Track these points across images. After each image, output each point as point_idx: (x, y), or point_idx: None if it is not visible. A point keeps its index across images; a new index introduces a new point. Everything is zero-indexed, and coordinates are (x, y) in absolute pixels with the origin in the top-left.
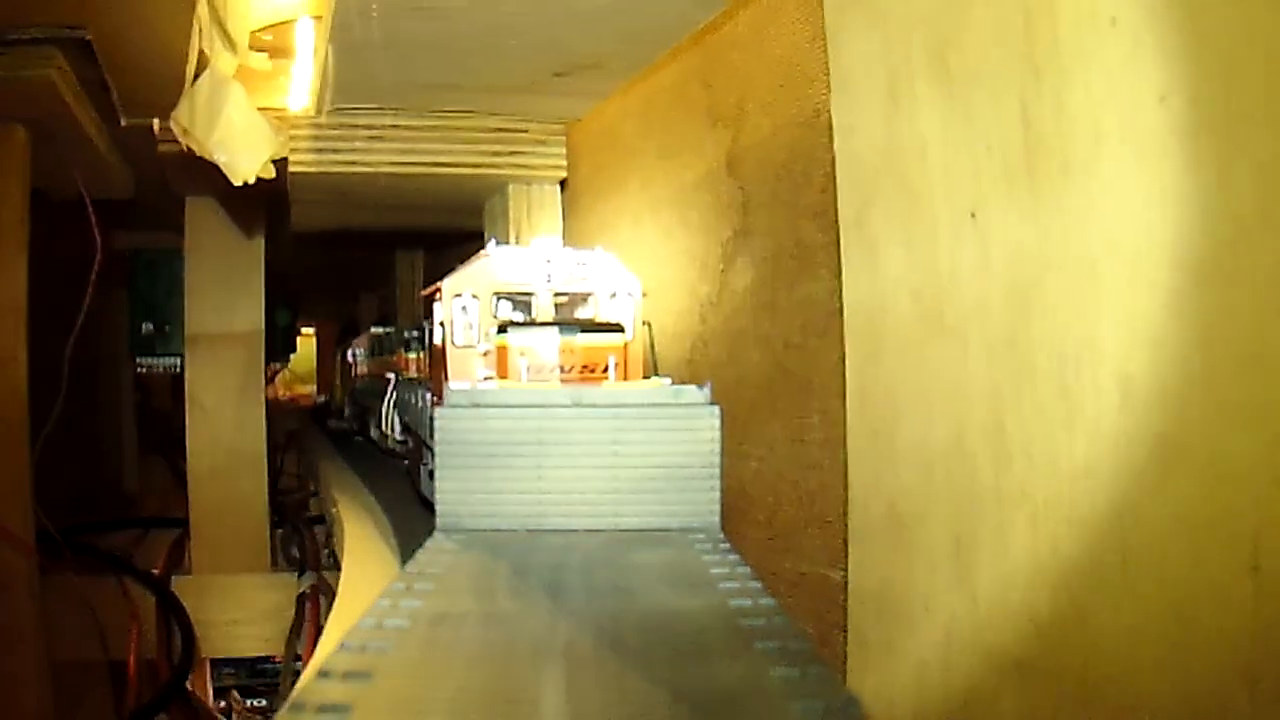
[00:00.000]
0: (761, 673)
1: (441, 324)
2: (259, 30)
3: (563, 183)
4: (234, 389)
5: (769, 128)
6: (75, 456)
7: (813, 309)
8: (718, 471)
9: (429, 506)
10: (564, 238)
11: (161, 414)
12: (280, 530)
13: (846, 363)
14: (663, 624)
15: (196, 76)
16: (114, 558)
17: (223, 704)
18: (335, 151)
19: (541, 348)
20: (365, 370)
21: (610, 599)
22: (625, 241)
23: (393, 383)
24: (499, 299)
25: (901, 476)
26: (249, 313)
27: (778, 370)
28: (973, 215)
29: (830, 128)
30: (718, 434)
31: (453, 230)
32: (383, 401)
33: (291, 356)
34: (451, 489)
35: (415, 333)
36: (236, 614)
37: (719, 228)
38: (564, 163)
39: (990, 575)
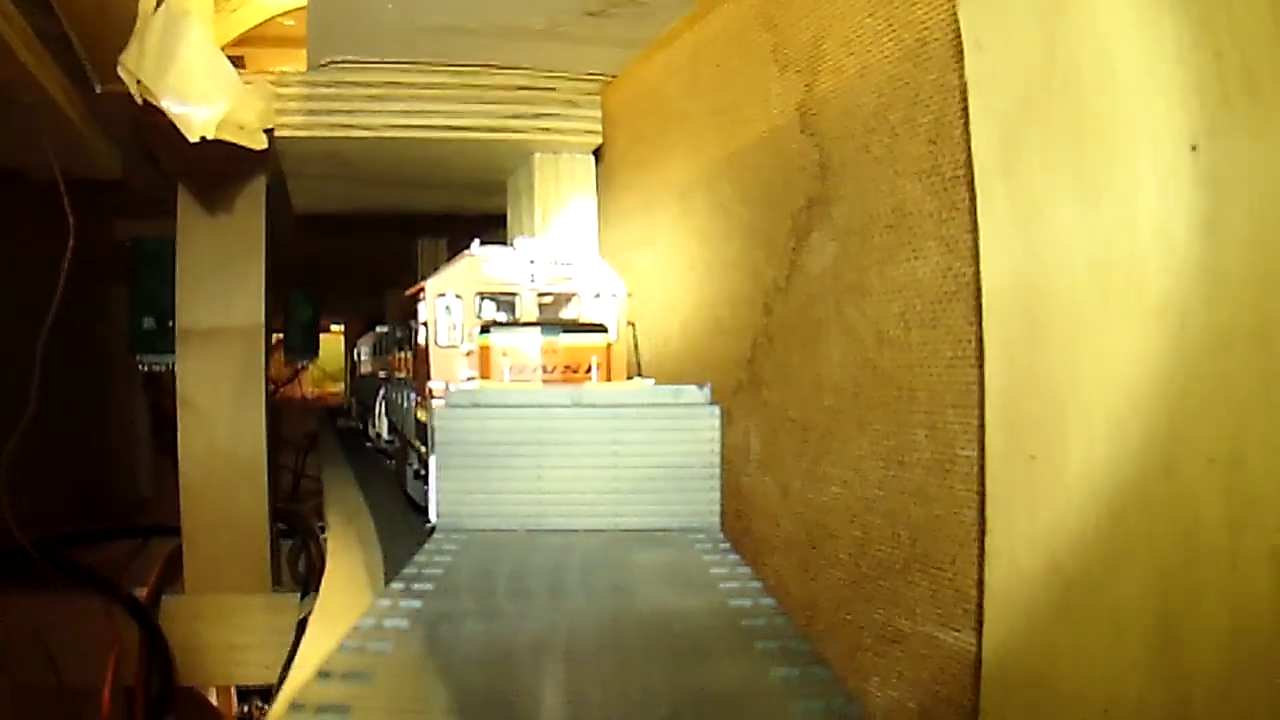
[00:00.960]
0: (761, 673)
1: (424, 324)
2: None
3: (597, 153)
4: (230, 389)
5: (854, 68)
6: (82, 460)
7: (917, 293)
8: (718, 472)
9: (416, 508)
10: (599, 217)
11: (175, 415)
12: (290, 543)
13: (986, 362)
14: (663, 624)
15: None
16: (92, 575)
17: (246, 709)
18: (329, 113)
19: (524, 348)
20: (367, 369)
21: (610, 599)
22: (670, 220)
23: (384, 382)
24: (483, 299)
25: (1071, 517)
26: (247, 305)
27: (867, 371)
28: (1193, 149)
29: (940, 59)
30: (718, 434)
31: (476, 214)
32: (375, 401)
33: (319, 354)
34: (451, 489)
35: (404, 332)
36: (235, 638)
37: (788, 196)
38: (598, 127)
39: (1214, 666)
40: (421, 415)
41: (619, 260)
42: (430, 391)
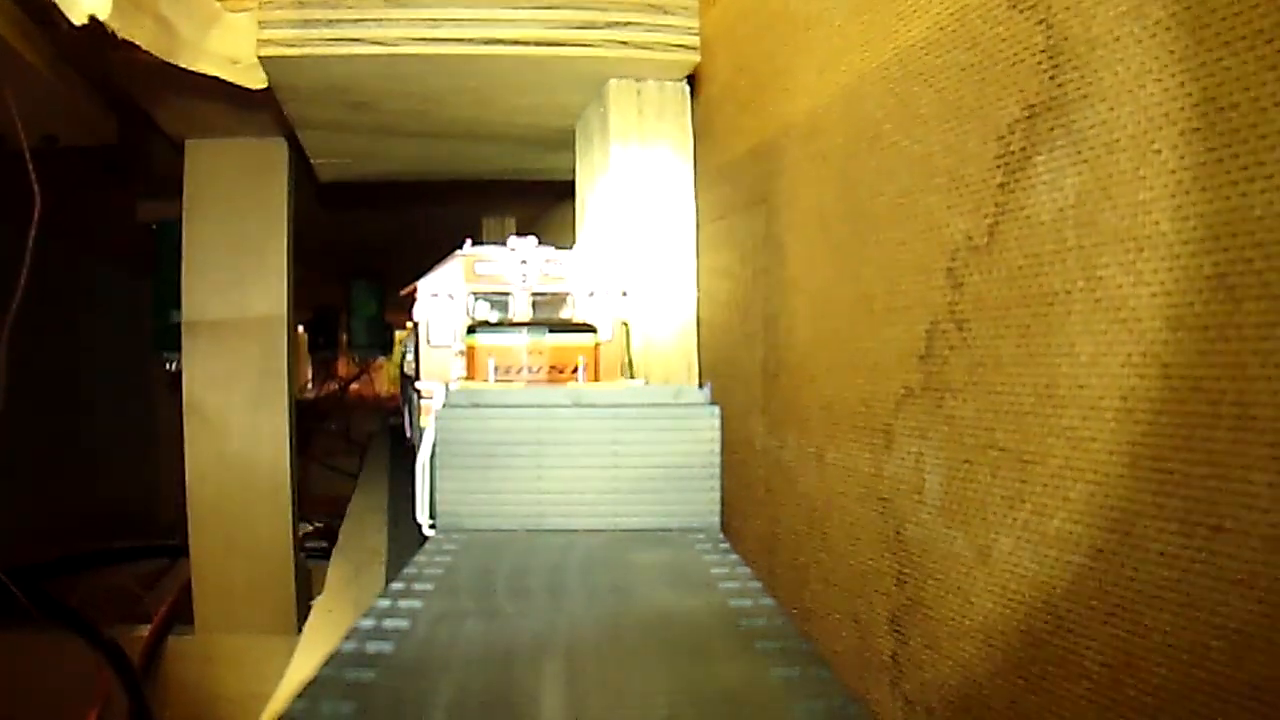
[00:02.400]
0: (761, 673)
1: (418, 324)
2: None
3: (691, 80)
4: (246, 391)
5: None
6: (102, 473)
7: (1250, 240)
8: (718, 472)
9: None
10: (696, 164)
11: None
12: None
13: None
14: (663, 624)
15: None
16: (70, 613)
17: None
18: (328, 24)
19: (509, 348)
20: (408, 367)
21: (610, 599)
22: (793, 167)
23: (408, 380)
24: (476, 299)
25: None
26: (267, 292)
27: (1152, 370)
28: None
29: None
30: (718, 434)
31: (545, 179)
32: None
33: (392, 350)
34: (451, 489)
35: None
36: (255, 685)
37: (991, 107)
38: (695, 41)
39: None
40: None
41: (719, 227)
42: (420, 392)
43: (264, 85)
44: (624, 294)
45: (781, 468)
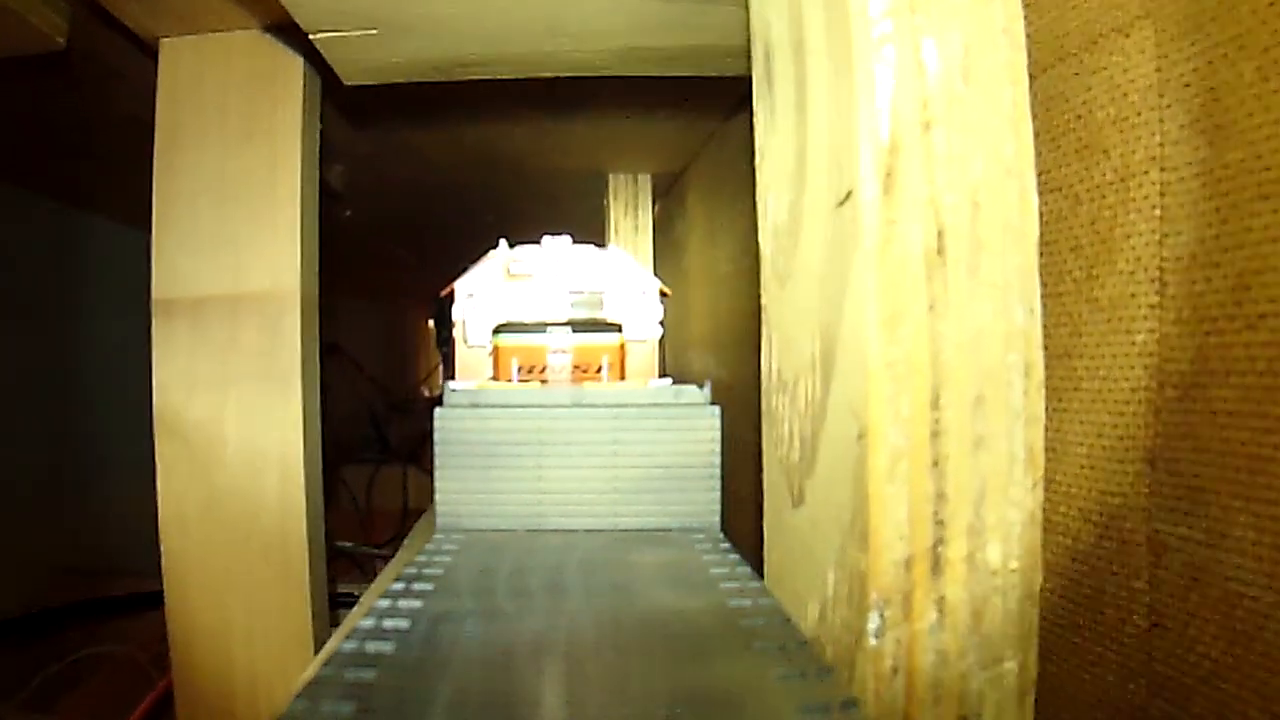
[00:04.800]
0: (761, 673)
1: (453, 324)
2: None
3: None
4: (244, 396)
5: None
6: (61, 514)
7: None
8: (718, 471)
9: None
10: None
11: None
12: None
13: None
14: (663, 624)
15: None
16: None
17: None
18: None
19: (533, 348)
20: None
21: (610, 599)
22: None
23: None
24: (509, 299)
25: None
26: (273, 258)
27: None
28: None
29: None
30: (718, 434)
31: (693, 116)
32: None
33: None
34: (451, 489)
35: None
36: None
37: None
38: None
39: None
40: None
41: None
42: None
43: None
44: (664, 294)
45: None
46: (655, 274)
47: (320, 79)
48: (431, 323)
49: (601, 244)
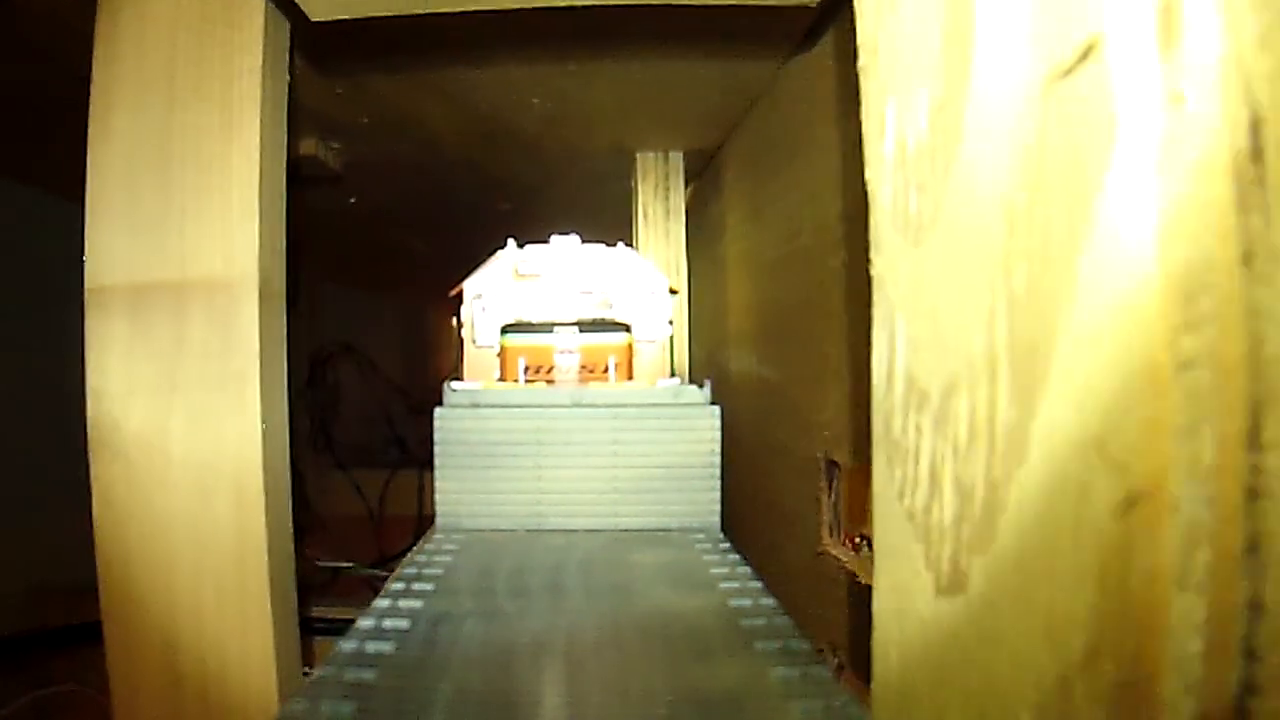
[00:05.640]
0: (761, 673)
1: (462, 324)
2: None
3: None
4: (192, 404)
5: None
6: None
7: None
8: (717, 471)
9: None
10: None
11: None
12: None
13: None
14: (663, 624)
15: None
16: None
17: None
18: None
19: (540, 348)
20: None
21: (610, 599)
22: None
23: None
24: (517, 299)
25: None
26: (226, 237)
27: None
28: None
29: None
30: (717, 434)
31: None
32: None
33: None
34: (451, 489)
35: None
36: None
37: None
38: None
39: None
40: None
41: None
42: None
43: None
44: (673, 291)
45: None
46: (687, 263)
47: (288, 23)
48: (455, 320)
49: (629, 232)
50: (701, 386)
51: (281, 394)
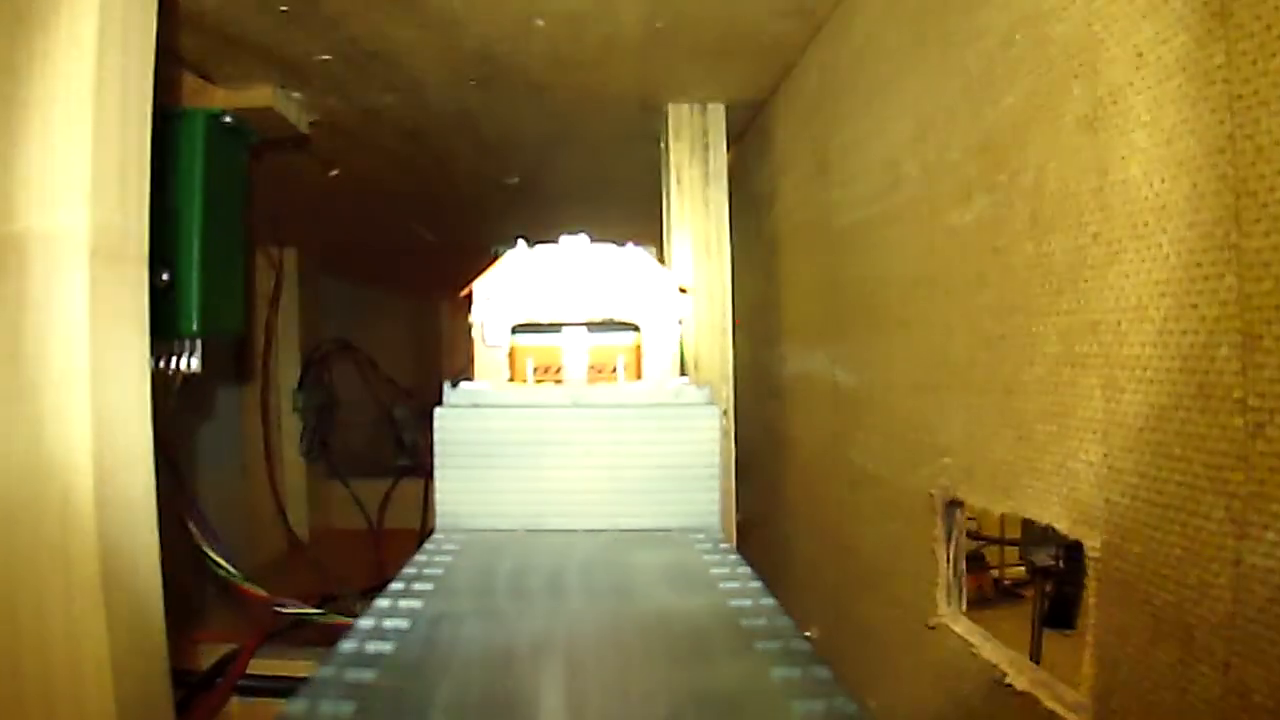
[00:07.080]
0: (762, 673)
1: (472, 324)
2: None
3: None
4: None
5: None
6: None
7: None
8: (717, 471)
9: None
10: None
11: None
12: None
13: None
14: (663, 624)
15: None
16: None
17: None
18: None
19: (548, 348)
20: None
21: (610, 599)
22: None
23: None
24: (527, 299)
25: None
26: (47, 181)
27: None
28: None
29: None
30: (718, 434)
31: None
32: None
33: None
34: (451, 489)
35: None
36: None
37: None
38: None
39: None
40: None
41: None
42: None
43: None
44: (683, 290)
45: None
46: (730, 233)
47: None
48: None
49: (658, 205)
50: (701, 387)
51: (133, 382)
